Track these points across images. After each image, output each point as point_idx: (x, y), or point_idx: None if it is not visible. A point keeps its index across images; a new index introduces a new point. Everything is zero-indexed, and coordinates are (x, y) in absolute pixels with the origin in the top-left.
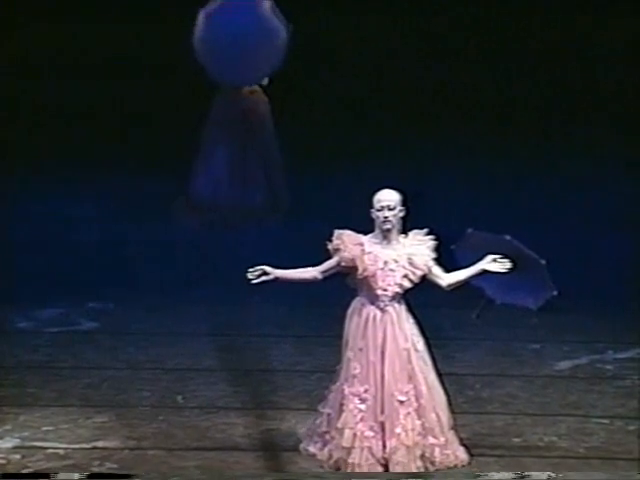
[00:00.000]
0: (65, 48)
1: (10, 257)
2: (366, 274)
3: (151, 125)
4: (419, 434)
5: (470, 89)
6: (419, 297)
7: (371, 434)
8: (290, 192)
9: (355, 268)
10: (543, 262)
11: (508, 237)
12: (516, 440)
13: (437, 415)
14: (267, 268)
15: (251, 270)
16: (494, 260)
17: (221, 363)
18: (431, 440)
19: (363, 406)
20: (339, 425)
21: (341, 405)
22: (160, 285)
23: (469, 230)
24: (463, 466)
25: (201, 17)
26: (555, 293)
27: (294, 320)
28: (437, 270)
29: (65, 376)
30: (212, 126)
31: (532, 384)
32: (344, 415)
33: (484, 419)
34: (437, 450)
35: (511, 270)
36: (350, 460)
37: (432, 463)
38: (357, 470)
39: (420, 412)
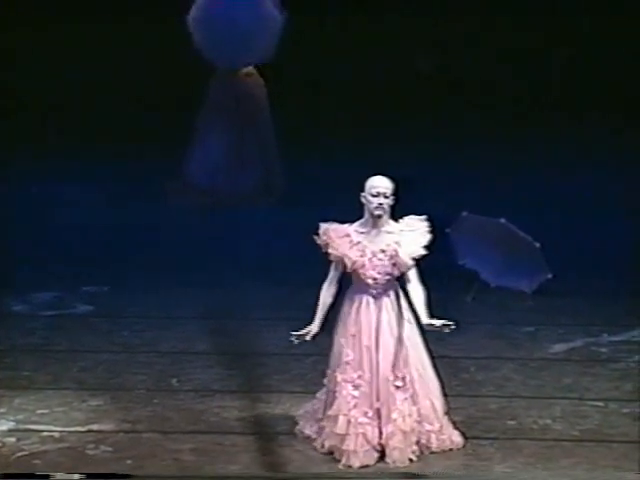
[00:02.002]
0: (63, 42)
1: (5, 240)
2: (355, 267)
3: (146, 108)
4: (415, 420)
5: (465, 76)
6: None
7: (365, 420)
8: (285, 176)
9: (344, 264)
10: (537, 245)
11: (503, 220)
12: (511, 423)
13: (431, 402)
14: (310, 329)
15: (295, 334)
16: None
17: (216, 346)
18: (427, 427)
19: (357, 392)
20: (332, 412)
21: (334, 392)
22: (155, 268)
23: (464, 213)
24: (458, 449)
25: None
26: (550, 276)
27: (289, 303)
28: (412, 272)
29: (60, 359)
30: (208, 109)
31: (527, 367)
32: (337, 402)
33: (479, 402)
34: (433, 436)
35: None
36: (344, 447)
37: (428, 449)
38: (352, 457)
39: (414, 398)
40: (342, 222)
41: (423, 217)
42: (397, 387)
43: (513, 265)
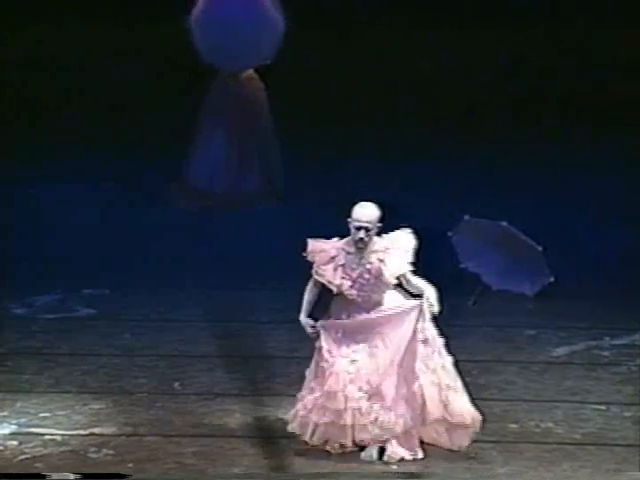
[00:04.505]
0: (63, 41)
1: (6, 243)
2: (340, 290)
3: (147, 109)
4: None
5: (468, 80)
6: None
7: (360, 394)
8: (287, 178)
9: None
10: (540, 249)
11: (505, 224)
12: (512, 426)
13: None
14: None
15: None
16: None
17: (218, 349)
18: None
19: (352, 367)
20: (327, 389)
21: (328, 368)
22: (156, 271)
23: (466, 217)
24: (459, 451)
25: (199, 2)
26: (551, 279)
27: (290, 306)
28: (410, 277)
29: (61, 363)
30: (209, 112)
31: (529, 370)
32: (332, 378)
33: (481, 405)
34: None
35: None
36: (342, 422)
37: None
38: (348, 433)
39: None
40: (335, 231)
41: (408, 230)
42: (422, 341)
43: (515, 268)
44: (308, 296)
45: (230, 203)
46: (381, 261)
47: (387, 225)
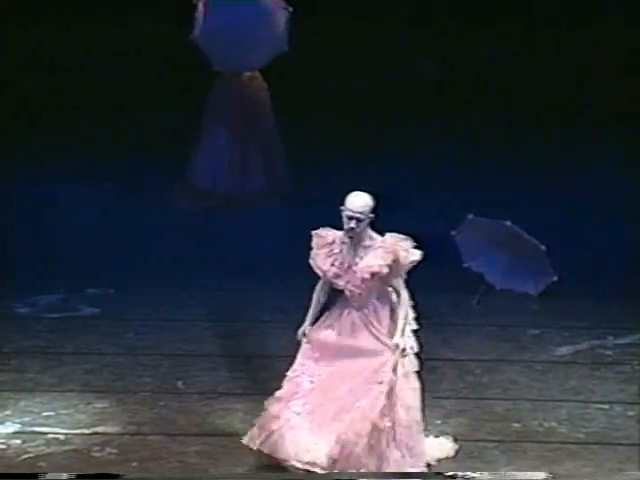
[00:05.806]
0: (63, 41)
1: (9, 242)
2: (328, 278)
3: (147, 109)
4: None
5: (471, 76)
6: (419, 281)
7: (299, 410)
8: (291, 177)
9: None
10: (543, 248)
11: (508, 223)
12: (516, 425)
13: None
14: (303, 329)
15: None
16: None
17: (221, 349)
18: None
19: (309, 386)
20: (277, 394)
21: (292, 378)
22: (159, 270)
23: (469, 216)
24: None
25: (201, 2)
26: (555, 279)
27: (293, 305)
28: (397, 283)
29: (65, 362)
30: (212, 112)
31: (532, 370)
32: (288, 386)
33: (484, 405)
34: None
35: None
36: (274, 427)
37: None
38: (276, 438)
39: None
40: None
41: (403, 236)
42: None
43: (519, 267)
44: (315, 298)
45: (234, 203)
46: (371, 255)
47: (390, 225)
